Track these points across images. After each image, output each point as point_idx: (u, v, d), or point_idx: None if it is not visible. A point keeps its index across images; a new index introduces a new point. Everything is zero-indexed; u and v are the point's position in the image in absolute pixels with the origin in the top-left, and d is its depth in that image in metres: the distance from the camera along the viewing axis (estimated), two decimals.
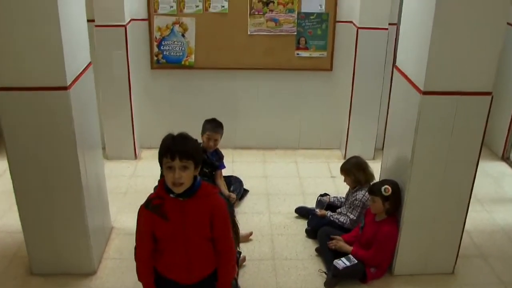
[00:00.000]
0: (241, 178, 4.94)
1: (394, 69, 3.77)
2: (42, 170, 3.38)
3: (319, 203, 4.44)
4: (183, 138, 2.43)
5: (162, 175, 2.49)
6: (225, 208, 2.56)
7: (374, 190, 3.64)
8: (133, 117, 5.34)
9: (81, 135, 3.44)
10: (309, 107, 5.61)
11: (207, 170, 4.57)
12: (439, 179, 3.45)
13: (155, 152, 2.48)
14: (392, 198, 3.56)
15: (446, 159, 3.39)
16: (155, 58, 5.30)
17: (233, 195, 4.62)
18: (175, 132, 2.46)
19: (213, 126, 4.53)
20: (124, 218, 4.39)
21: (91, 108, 3.75)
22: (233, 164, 5.37)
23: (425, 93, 3.21)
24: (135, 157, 5.50)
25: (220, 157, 4.71)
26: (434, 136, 3.33)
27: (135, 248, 2.60)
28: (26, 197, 3.47)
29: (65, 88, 3.18)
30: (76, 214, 3.54)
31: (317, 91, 5.53)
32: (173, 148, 2.36)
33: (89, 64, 3.67)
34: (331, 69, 5.40)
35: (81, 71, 3.47)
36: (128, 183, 5.03)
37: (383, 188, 3.54)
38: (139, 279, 2.64)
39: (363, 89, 5.26)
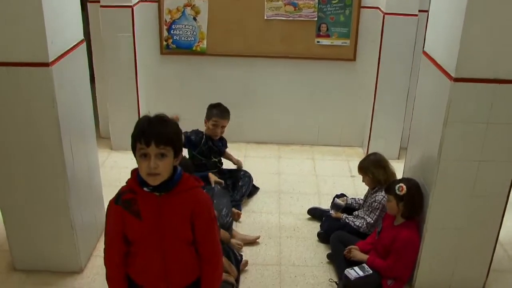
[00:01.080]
0: (252, 174, 4.57)
1: (422, 55, 3.39)
2: (24, 157, 3.11)
3: (335, 205, 4.04)
4: (161, 120, 2.08)
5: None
6: (209, 206, 2.18)
7: (389, 188, 3.31)
8: (140, 105, 5.06)
9: (68, 119, 3.14)
10: (329, 100, 5.26)
11: (215, 159, 4.25)
12: (470, 180, 3.07)
13: None
14: (408, 199, 3.19)
15: (479, 157, 3.01)
16: (165, 43, 5.00)
17: (241, 161, 4.59)
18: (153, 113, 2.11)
19: (221, 110, 4.23)
20: None
21: (82, 91, 3.44)
22: (245, 159, 5.03)
23: (457, 80, 2.84)
24: None
25: (225, 143, 4.47)
26: (466, 130, 2.95)
27: (104, 251, 2.24)
28: (7, 187, 3.22)
29: (46, 64, 2.89)
30: (60, 207, 3.25)
31: (338, 83, 5.19)
32: (148, 132, 2.00)
33: (81, 41, 3.37)
34: (354, 59, 5.07)
35: (69, 48, 3.16)
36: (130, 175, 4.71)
37: (397, 186, 3.19)
38: (110, 287, 2.28)
39: (388, 81, 4.90)
